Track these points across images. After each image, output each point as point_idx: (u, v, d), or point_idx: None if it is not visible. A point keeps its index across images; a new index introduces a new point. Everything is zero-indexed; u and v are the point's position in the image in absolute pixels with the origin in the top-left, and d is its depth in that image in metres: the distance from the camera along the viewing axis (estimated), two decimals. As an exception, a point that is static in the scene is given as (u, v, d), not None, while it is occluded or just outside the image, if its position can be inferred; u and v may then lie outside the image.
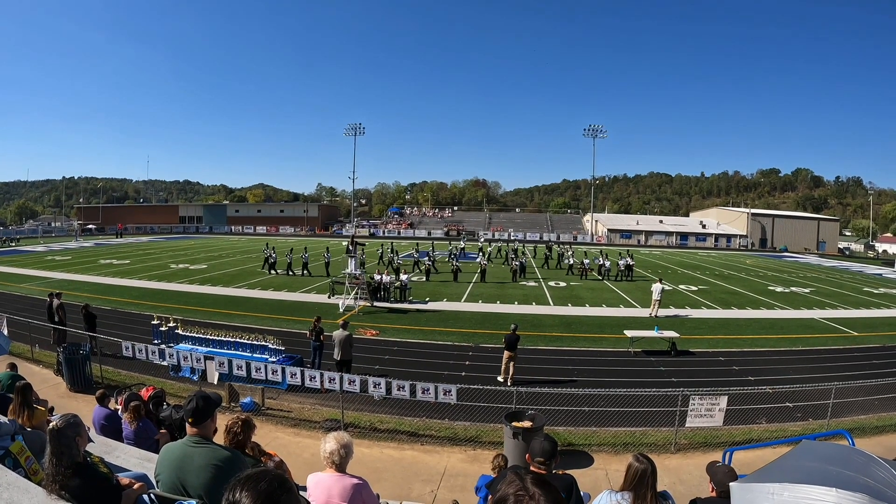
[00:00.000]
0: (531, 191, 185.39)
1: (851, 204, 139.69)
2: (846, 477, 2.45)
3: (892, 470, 2.48)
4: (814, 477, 2.52)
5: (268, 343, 12.73)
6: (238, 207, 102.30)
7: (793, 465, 2.80)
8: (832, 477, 2.47)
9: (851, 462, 2.63)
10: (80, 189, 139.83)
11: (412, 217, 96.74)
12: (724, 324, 20.39)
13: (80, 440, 3.35)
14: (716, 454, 9.10)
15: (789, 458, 2.97)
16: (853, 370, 14.49)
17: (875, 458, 2.62)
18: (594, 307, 23.10)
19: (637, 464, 3.40)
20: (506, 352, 12.68)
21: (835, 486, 2.37)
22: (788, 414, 11.26)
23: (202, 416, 3.29)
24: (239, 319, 18.53)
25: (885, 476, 2.44)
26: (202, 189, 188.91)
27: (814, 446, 3.16)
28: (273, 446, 8.19)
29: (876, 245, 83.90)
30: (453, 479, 8.21)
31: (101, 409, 7.10)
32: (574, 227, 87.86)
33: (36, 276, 29.63)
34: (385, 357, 14.73)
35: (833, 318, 22.27)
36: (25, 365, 13.23)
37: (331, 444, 3.42)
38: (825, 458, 2.77)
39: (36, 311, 17.86)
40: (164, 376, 12.67)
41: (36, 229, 77.47)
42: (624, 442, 9.66)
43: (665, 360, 15.12)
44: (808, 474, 2.58)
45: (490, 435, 9.83)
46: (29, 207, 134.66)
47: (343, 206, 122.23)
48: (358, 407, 11.02)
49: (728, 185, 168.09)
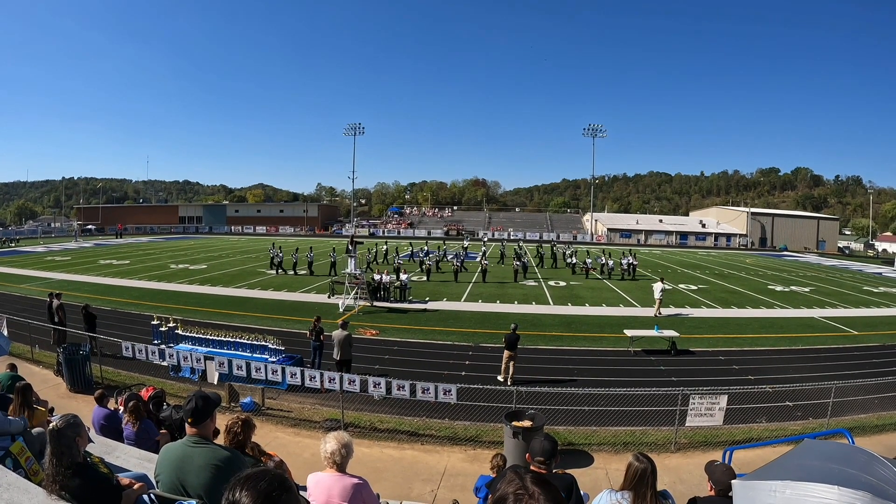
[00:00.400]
0: (531, 190, 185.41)
1: (851, 203, 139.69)
2: (848, 475, 2.46)
3: (893, 468, 2.48)
4: (816, 475, 2.53)
5: (268, 343, 12.73)
6: (238, 207, 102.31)
7: (795, 464, 2.81)
8: (834, 475, 2.47)
9: (853, 460, 2.63)
10: (80, 189, 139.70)
11: (412, 217, 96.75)
12: (723, 323, 20.39)
13: (81, 440, 3.35)
14: (716, 453, 9.10)
15: (791, 457, 2.98)
16: (853, 369, 14.49)
17: (877, 456, 2.62)
18: (594, 307, 23.11)
19: (637, 463, 3.40)
20: (506, 351, 12.68)
21: (837, 483, 2.37)
22: (788, 413, 11.27)
23: (201, 416, 3.29)
24: (239, 319, 18.53)
25: (887, 474, 2.45)
26: (202, 189, 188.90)
27: (816, 445, 3.16)
28: (273, 446, 8.19)
29: (875, 244, 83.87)
30: (453, 479, 8.22)
31: (101, 410, 7.10)
32: (574, 227, 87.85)
33: (36, 276, 29.63)
34: (385, 357, 14.74)
35: (833, 317, 22.28)
36: (25, 365, 13.23)
37: (331, 443, 3.42)
38: (827, 456, 2.78)
39: (36, 312, 17.87)
40: (164, 376, 12.67)
41: (35, 230, 77.49)
42: (624, 441, 9.66)
43: (665, 360, 15.12)
44: (810, 472, 2.58)
45: (490, 434, 9.83)
46: (28, 208, 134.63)
47: (343, 206, 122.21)
48: (358, 407, 11.03)
49: (728, 184, 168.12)
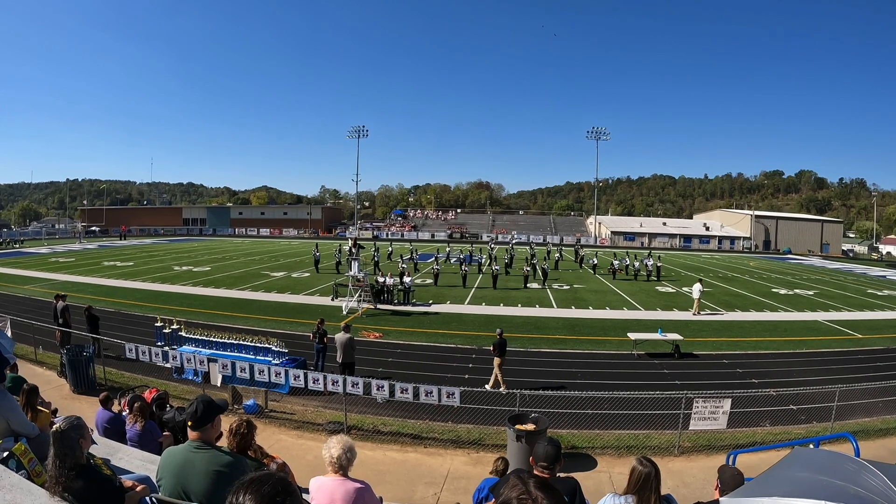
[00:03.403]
0: (534, 193, 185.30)
1: (855, 206, 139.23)
2: (835, 488, 2.43)
3: (883, 477, 2.44)
4: (802, 488, 2.50)
5: (271, 345, 12.73)
6: (241, 210, 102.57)
7: (782, 476, 2.79)
8: (820, 488, 2.45)
9: (842, 471, 2.60)
10: (84, 191, 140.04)
11: (415, 219, 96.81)
12: (727, 326, 20.32)
13: (84, 442, 3.36)
14: (719, 457, 9.06)
15: (780, 468, 2.95)
16: (857, 372, 14.40)
17: (867, 465, 2.59)
18: (598, 310, 23.06)
19: (641, 467, 3.38)
20: (496, 358, 12.36)
21: (824, 498, 2.35)
22: (792, 416, 11.21)
23: (203, 420, 3.27)
24: (242, 321, 18.55)
25: (876, 484, 2.41)
26: (206, 191, 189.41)
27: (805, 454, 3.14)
28: (276, 448, 8.19)
29: (880, 247, 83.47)
30: (456, 482, 8.20)
31: (104, 412, 7.12)
32: (577, 230, 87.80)
33: (39, 277, 29.75)
34: (388, 359, 14.73)
35: (837, 320, 22.19)
36: (29, 366, 13.28)
37: (334, 447, 3.41)
38: (816, 467, 2.75)
39: (39, 313, 17.92)
40: (167, 378, 12.68)
41: (40, 231, 77.86)
42: (627, 444, 9.63)
43: (668, 363, 15.07)
44: (797, 485, 2.56)
45: (493, 438, 9.81)
46: (33, 209, 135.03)
47: (346, 209, 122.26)
48: (361, 409, 11.01)
49: (731, 186, 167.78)
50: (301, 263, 38.89)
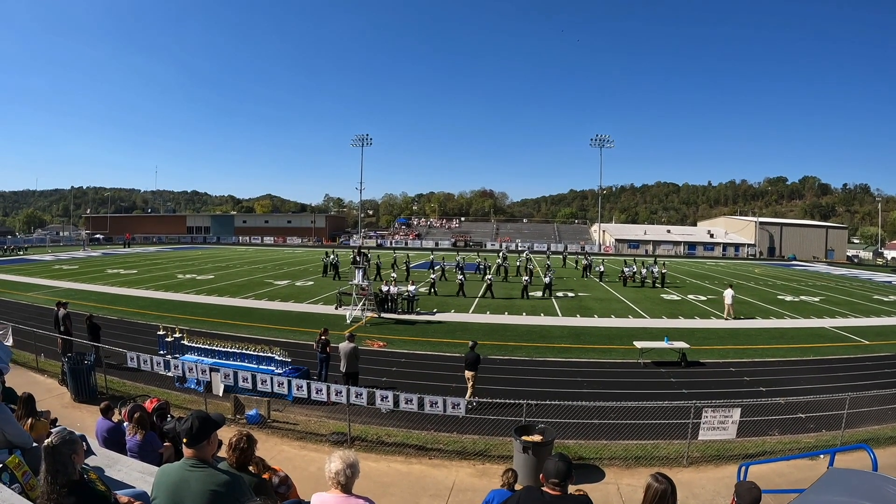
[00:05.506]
0: (538, 201, 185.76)
1: (859, 211, 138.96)
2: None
3: None
4: None
5: (274, 355, 12.61)
6: (245, 218, 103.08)
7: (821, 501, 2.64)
8: None
9: (882, 494, 2.45)
10: (89, 199, 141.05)
11: (419, 228, 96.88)
12: (733, 334, 20.12)
13: (77, 457, 3.23)
14: (729, 467, 8.92)
15: (816, 492, 2.80)
16: (866, 379, 14.21)
17: None
18: (603, 318, 22.87)
19: (657, 484, 3.26)
20: (467, 372, 11.80)
21: None
22: (801, 425, 11.01)
23: (198, 437, 3.15)
24: (245, 330, 18.45)
25: None
26: (210, 199, 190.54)
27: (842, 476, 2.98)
28: (278, 460, 8.06)
29: (885, 252, 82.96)
30: (462, 494, 8.05)
31: (105, 422, 7.02)
32: (581, 238, 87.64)
33: (43, 284, 29.78)
34: (392, 369, 14.59)
35: (844, 326, 21.95)
36: (30, 374, 13.24)
37: (336, 463, 3.29)
38: (853, 490, 2.60)
39: (42, 320, 17.86)
40: (169, 387, 12.58)
41: (44, 238, 78.24)
42: (635, 455, 9.46)
43: (675, 371, 14.89)
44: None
45: (499, 448, 9.64)
46: (37, 216, 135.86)
47: (350, 217, 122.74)
48: (365, 420, 10.88)
49: (735, 193, 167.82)
50: (305, 272, 38.86)
